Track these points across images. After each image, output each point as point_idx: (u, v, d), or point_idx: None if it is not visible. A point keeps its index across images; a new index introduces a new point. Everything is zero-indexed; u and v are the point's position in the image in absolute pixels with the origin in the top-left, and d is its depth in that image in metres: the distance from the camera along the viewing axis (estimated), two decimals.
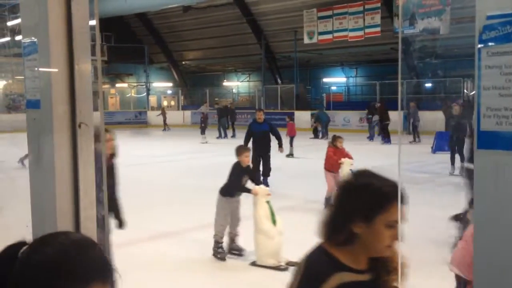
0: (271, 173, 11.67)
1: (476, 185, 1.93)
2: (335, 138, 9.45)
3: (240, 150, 6.95)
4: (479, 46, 1.95)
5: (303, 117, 30.28)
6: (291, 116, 23.49)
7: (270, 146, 11.70)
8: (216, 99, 39.60)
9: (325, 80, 40.05)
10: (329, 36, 31.38)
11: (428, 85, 31.39)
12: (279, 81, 38.16)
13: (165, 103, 42.67)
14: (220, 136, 26.30)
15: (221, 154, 16.21)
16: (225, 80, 46.16)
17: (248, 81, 45.16)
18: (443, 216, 7.06)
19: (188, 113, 36.64)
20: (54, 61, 2.35)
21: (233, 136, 26.26)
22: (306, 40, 32.41)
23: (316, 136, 25.84)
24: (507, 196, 1.87)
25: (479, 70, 1.94)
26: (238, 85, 45.82)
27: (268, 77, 37.69)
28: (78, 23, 2.38)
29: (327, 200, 8.61)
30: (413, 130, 22.40)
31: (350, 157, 9.05)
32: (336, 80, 40.37)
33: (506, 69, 1.89)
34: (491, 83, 1.92)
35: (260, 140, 11.37)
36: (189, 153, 19.40)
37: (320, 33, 31.69)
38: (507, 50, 1.90)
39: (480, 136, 1.95)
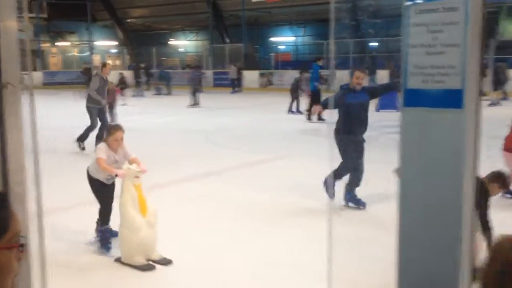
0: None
1: (402, 141, 1.98)
2: None
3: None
4: (407, 3, 1.97)
5: (251, 77, 30.18)
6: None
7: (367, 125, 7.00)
8: (163, 58, 38.78)
9: (273, 39, 39.81)
10: None
11: (374, 44, 31.76)
12: (227, 40, 37.67)
13: (109, 62, 41.36)
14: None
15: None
16: (172, 39, 45.17)
17: (195, 40, 44.37)
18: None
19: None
20: None
21: None
22: None
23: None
24: (431, 151, 1.93)
25: (407, 28, 1.97)
26: (185, 44, 44.95)
27: (216, 36, 37.12)
28: None
29: None
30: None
31: None
32: (284, 40, 40.22)
33: (433, 27, 1.92)
34: (418, 41, 1.95)
35: (356, 116, 6.71)
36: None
37: None
38: (434, 7, 1.93)
39: (407, 94, 1.99)
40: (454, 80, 1.88)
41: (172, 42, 45.13)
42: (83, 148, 10.97)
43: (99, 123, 10.82)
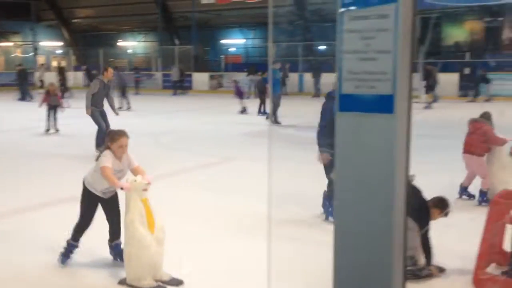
0: None
1: (337, 145, 2.01)
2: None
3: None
4: (341, 10, 2.00)
5: (201, 79, 30.05)
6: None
7: None
8: (111, 60, 38.05)
9: (223, 41, 39.79)
10: None
11: (322, 47, 32.27)
12: (176, 41, 37.37)
13: (54, 63, 40.23)
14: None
15: None
16: (120, 40, 44.40)
17: (144, 41, 43.79)
18: None
19: (80, 74, 34.92)
20: None
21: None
22: (205, 0, 31.95)
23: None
24: (364, 154, 1.97)
25: (341, 34, 2.00)
26: (134, 45, 44.28)
27: (165, 38, 36.76)
28: None
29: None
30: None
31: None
32: (235, 42, 40.27)
33: (365, 33, 1.96)
34: (351, 47, 1.99)
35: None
36: None
37: None
38: (366, 14, 1.97)
39: (341, 99, 2.02)
40: (386, 86, 1.93)
41: (121, 43, 44.36)
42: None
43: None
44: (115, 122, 9.92)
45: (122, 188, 4.54)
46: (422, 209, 4.75)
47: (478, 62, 24.86)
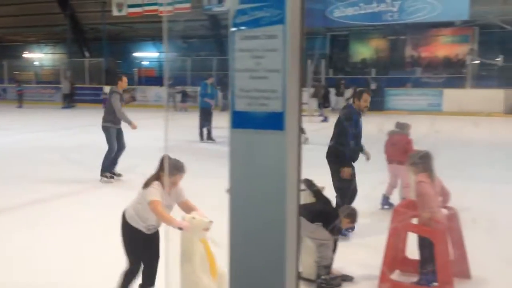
0: None
1: (231, 162, 2.04)
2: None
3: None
4: (233, 29, 2.05)
5: None
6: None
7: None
8: (16, 72, 36.23)
9: (136, 54, 39.14)
10: (139, 9, 30.73)
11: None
12: (87, 54, 36.29)
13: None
14: None
15: None
16: (26, 52, 42.43)
17: (52, 53, 42.13)
18: None
19: None
20: None
21: None
22: (115, 12, 31.34)
23: None
24: (257, 171, 2.01)
25: (233, 53, 2.04)
26: (41, 57, 42.47)
27: (75, 50, 35.61)
28: None
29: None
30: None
31: None
32: (148, 55, 39.74)
33: (256, 53, 2.01)
34: (243, 66, 2.03)
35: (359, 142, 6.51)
36: None
37: (130, 6, 30.90)
38: (256, 34, 2.02)
39: (234, 116, 2.06)
40: (276, 104, 1.99)
41: (27, 55, 42.40)
42: (114, 176, 9.11)
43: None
44: (30, 137, 9.46)
45: (180, 228, 3.82)
46: (331, 218, 4.91)
47: (383, 78, 26.22)
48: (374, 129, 7.33)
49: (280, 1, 1.93)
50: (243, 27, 2.01)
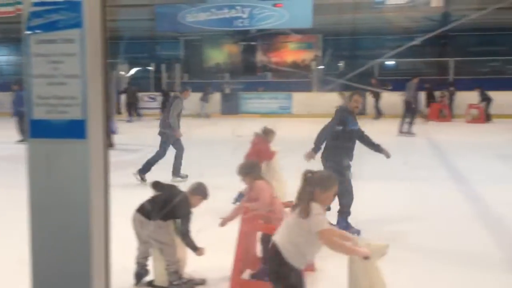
0: None
1: (29, 174, 1.91)
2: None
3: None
4: (27, 33, 1.92)
5: None
6: None
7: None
8: None
9: None
10: None
11: None
12: None
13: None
14: None
15: None
16: None
17: None
18: None
19: None
20: None
21: None
22: None
23: None
24: (59, 183, 1.91)
25: (28, 58, 1.92)
26: None
27: None
28: None
29: None
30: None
31: None
32: None
33: (53, 57, 1.91)
34: (40, 71, 1.92)
35: (349, 146, 6.57)
36: None
37: None
38: (52, 38, 1.92)
39: (32, 125, 1.93)
40: (76, 111, 1.91)
41: None
42: (144, 180, 8.85)
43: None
44: None
45: (366, 257, 3.22)
46: (182, 204, 4.68)
47: (236, 82, 26.89)
48: (228, 132, 7.44)
49: (76, 5, 1.86)
50: (38, 31, 1.89)
